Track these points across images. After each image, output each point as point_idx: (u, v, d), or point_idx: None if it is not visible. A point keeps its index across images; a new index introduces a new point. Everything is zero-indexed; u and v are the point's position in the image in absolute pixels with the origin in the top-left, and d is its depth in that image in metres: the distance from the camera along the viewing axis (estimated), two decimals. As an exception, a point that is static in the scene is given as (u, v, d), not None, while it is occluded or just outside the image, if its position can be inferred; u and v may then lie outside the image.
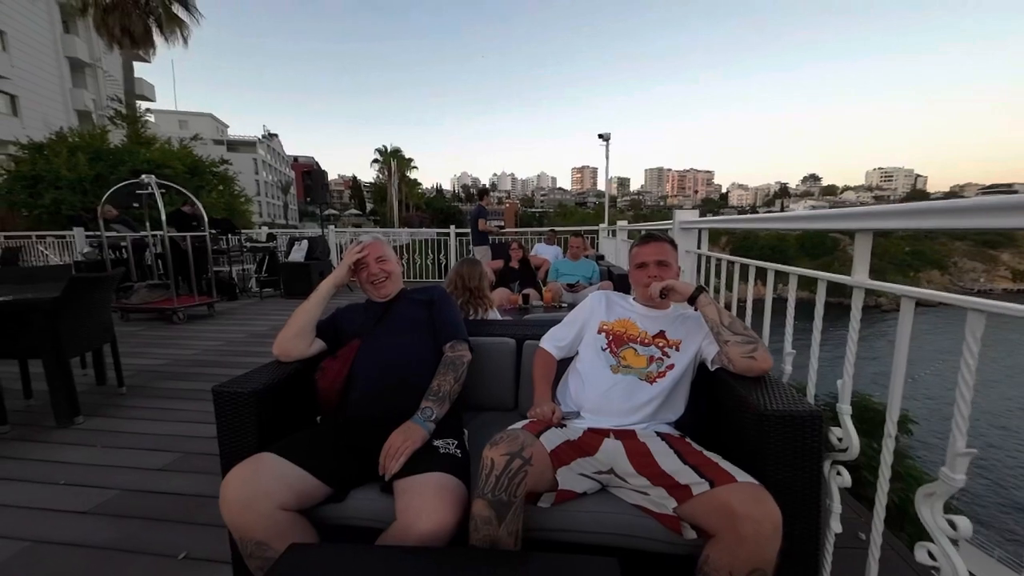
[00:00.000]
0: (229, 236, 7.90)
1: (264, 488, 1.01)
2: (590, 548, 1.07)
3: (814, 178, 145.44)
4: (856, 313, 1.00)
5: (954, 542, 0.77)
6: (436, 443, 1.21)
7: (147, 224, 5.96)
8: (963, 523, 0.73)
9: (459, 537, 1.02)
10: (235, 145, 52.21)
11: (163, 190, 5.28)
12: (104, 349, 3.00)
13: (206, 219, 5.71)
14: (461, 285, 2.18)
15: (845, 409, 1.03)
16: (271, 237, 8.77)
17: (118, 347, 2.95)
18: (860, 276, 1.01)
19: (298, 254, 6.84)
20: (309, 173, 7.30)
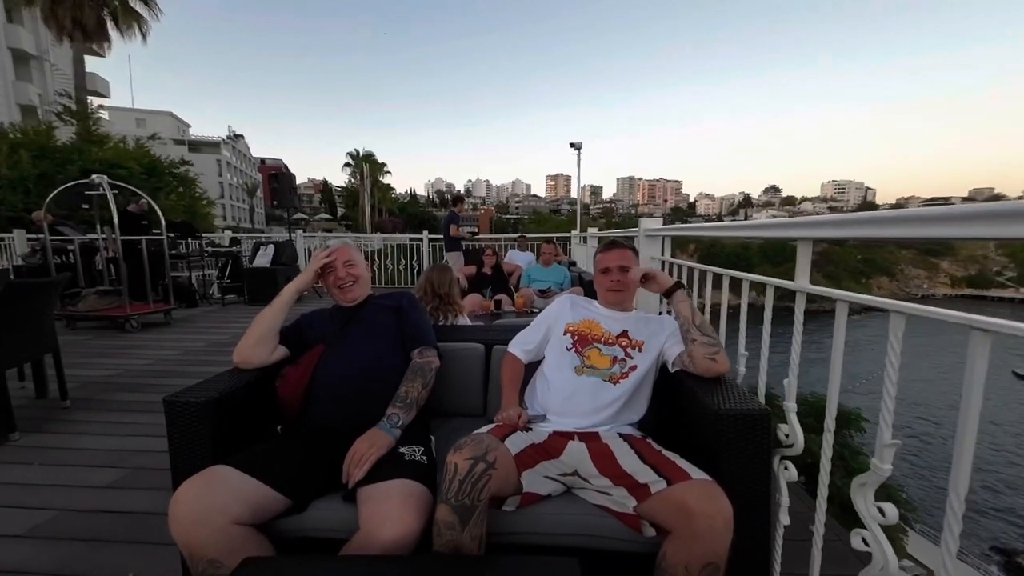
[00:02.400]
0: (189, 240, 7.59)
1: (217, 502, 0.97)
2: (553, 549, 1.08)
3: (775, 189, 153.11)
4: (799, 315, 1.07)
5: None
6: (402, 450, 1.20)
7: (98, 227, 5.62)
8: (890, 510, 0.79)
9: (424, 544, 1.01)
10: (197, 146, 50.11)
11: (116, 191, 5.01)
12: (45, 360, 2.80)
13: (163, 220, 5.44)
14: (431, 291, 2.17)
15: (791, 407, 1.09)
16: (235, 241, 8.45)
17: (61, 357, 2.76)
18: (802, 281, 1.08)
19: (263, 259, 6.61)
20: (276, 176, 7.08)
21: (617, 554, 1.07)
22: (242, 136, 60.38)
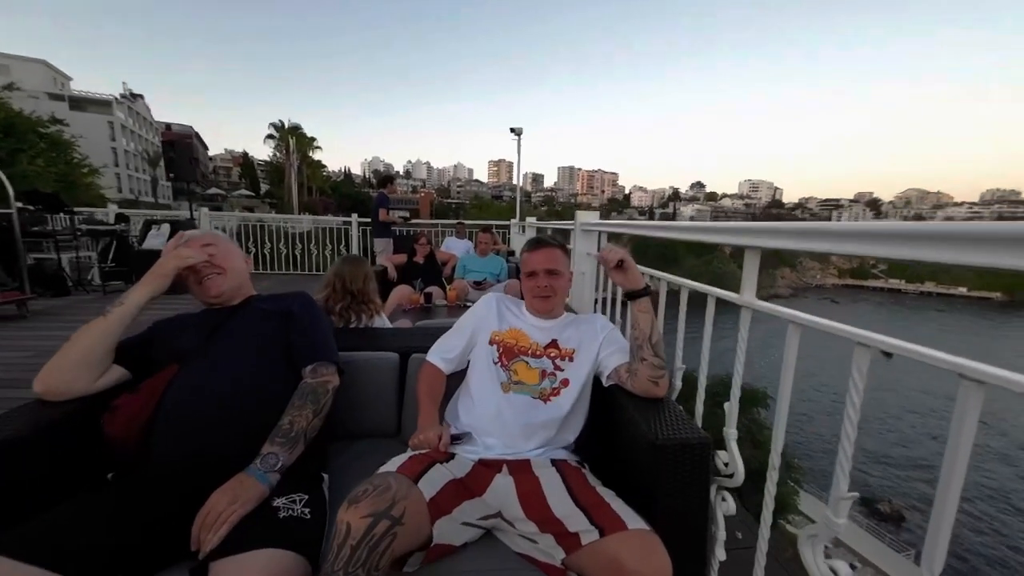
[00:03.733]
0: (61, 215, 6.38)
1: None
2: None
3: (700, 185, 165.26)
4: (744, 333, 0.96)
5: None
6: (277, 503, 0.94)
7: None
8: (843, 569, 0.70)
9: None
10: (82, 103, 42.87)
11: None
12: None
13: (10, 190, 4.42)
14: (341, 287, 1.86)
15: (731, 434, 1.00)
16: (121, 218, 7.22)
17: None
18: (748, 296, 0.97)
19: (156, 240, 5.69)
20: (172, 143, 6.07)
21: (541, 612, 0.92)
22: (141, 96, 52.59)
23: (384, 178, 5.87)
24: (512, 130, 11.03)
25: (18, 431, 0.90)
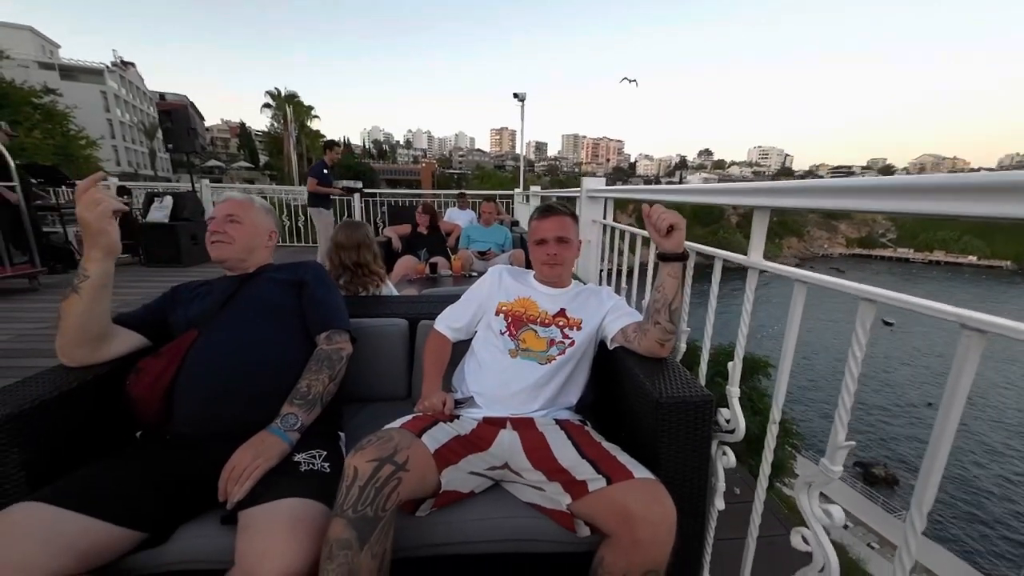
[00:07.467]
0: (63, 188, 6.37)
1: (15, 557, 0.72)
2: (475, 558, 0.96)
3: (707, 152, 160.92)
4: (749, 294, 0.97)
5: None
6: (297, 458, 0.99)
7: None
8: (837, 512, 0.74)
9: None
10: (73, 72, 41.78)
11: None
12: None
13: (11, 162, 4.39)
14: (338, 262, 1.84)
15: (734, 392, 1.02)
16: (122, 191, 7.19)
17: None
18: (755, 256, 0.98)
19: (159, 213, 5.68)
20: (168, 113, 5.95)
21: (548, 555, 0.98)
22: (133, 64, 51.06)
23: (327, 143, 5.42)
24: (515, 95, 10.67)
25: (48, 392, 0.94)
